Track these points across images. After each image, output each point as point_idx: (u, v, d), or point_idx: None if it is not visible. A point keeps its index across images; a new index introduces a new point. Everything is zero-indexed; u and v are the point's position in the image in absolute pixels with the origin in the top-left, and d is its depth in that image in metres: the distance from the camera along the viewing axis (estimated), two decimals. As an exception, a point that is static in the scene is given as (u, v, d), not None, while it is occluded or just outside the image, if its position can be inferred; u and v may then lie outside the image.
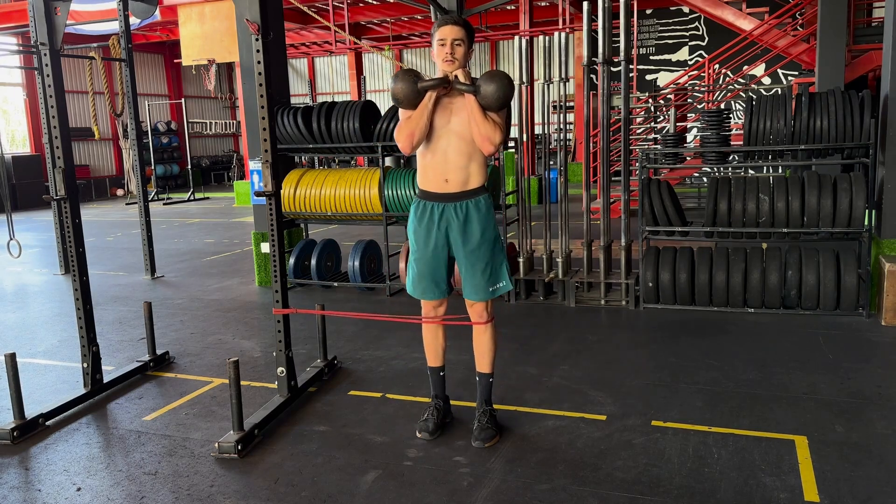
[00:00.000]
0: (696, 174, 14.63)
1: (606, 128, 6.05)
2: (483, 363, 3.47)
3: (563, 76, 6.12)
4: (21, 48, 12.73)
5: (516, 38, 6.22)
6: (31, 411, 3.76)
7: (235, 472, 3.20)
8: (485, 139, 3.20)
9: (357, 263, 6.62)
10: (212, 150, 25.48)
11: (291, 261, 6.84)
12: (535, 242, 6.84)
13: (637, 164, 6.09)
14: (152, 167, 19.64)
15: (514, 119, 9.22)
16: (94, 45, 8.97)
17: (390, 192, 6.34)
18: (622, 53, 5.65)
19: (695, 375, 4.20)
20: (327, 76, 24.40)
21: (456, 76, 3.22)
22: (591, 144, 7.99)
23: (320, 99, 22.27)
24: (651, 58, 16.69)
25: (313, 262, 6.79)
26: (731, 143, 6.29)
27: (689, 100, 13.72)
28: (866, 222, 5.27)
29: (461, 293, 3.45)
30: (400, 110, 3.34)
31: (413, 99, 3.23)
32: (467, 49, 3.26)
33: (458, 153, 3.28)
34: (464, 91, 3.21)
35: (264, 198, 3.81)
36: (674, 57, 16.54)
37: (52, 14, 3.87)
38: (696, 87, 13.74)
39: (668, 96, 13.24)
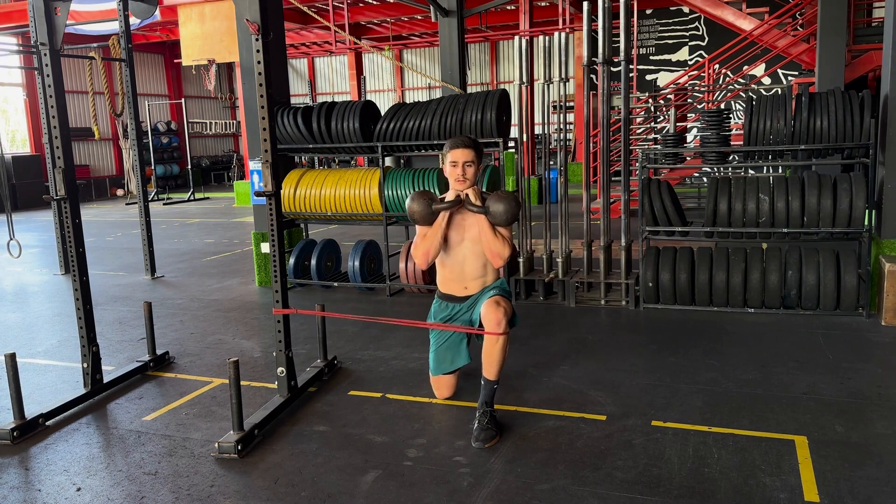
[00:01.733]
0: (696, 174, 14.64)
1: (606, 128, 6.05)
2: (491, 371, 3.49)
3: (563, 76, 6.12)
4: (21, 48, 12.74)
5: (516, 38, 6.22)
6: (31, 411, 3.76)
7: (235, 472, 3.20)
8: (495, 255, 3.63)
9: (357, 263, 6.62)
10: (212, 150, 25.50)
11: (291, 261, 6.84)
12: (535, 242, 6.84)
13: (637, 164, 6.09)
14: (152, 167, 19.65)
15: (515, 119, 9.23)
16: (94, 45, 8.96)
17: (390, 192, 6.34)
18: (622, 53, 5.65)
19: (695, 375, 4.20)
20: (327, 76, 24.41)
21: (467, 195, 3.61)
22: (591, 144, 7.99)
23: (320, 99, 22.29)
24: (651, 58, 16.70)
25: (313, 262, 6.79)
26: (731, 143, 6.30)
27: (689, 100, 13.73)
28: (866, 222, 5.27)
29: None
30: (417, 227, 3.75)
31: (428, 218, 3.65)
32: (477, 167, 3.64)
33: (474, 265, 3.71)
34: (475, 212, 3.61)
35: (264, 198, 3.81)
36: (674, 57, 16.54)
37: (52, 14, 3.87)
38: (696, 87, 13.74)
39: (668, 96, 13.25)
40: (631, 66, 6.75)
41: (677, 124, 10.02)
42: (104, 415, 3.97)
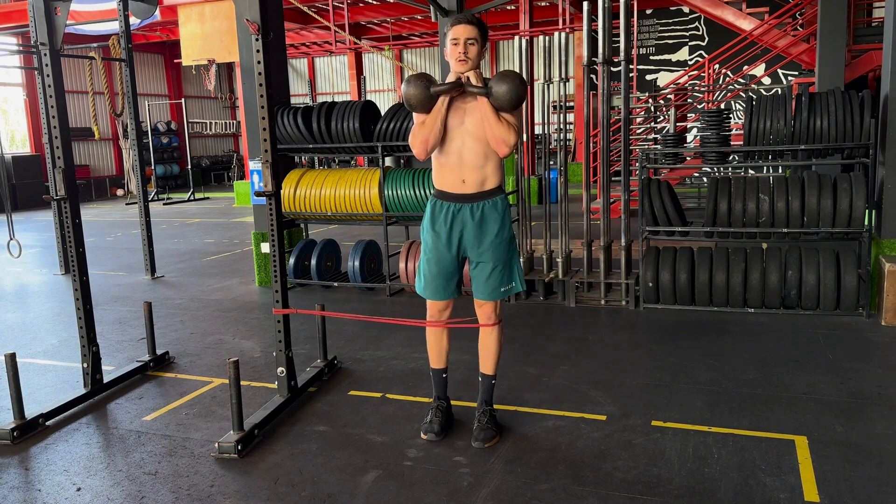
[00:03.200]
0: (696, 174, 14.63)
1: (606, 128, 6.05)
2: (487, 365, 3.47)
3: (563, 76, 6.12)
4: (21, 48, 12.74)
5: (516, 38, 6.22)
6: (31, 411, 3.76)
7: (235, 472, 3.20)
8: (499, 141, 3.20)
9: (357, 263, 6.62)
10: (212, 150, 25.48)
11: (291, 261, 6.84)
12: (535, 242, 6.83)
13: (637, 164, 6.09)
14: (152, 167, 19.64)
15: (514, 119, 9.19)
16: (94, 45, 8.97)
17: (390, 192, 6.34)
18: (622, 53, 5.65)
19: (695, 375, 4.20)
20: (327, 76, 24.41)
21: (468, 78, 3.22)
22: (591, 144, 7.99)
23: (320, 99, 22.28)
24: (651, 58, 16.69)
25: (313, 262, 6.79)
26: (731, 143, 6.29)
27: (689, 100, 13.72)
28: (866, 222, 5.27)
29: (470, 293, 3.45)
30: (414, 114, 3.33)
31: (426, 103, 3.24)
32: (480, 48, 3.24)
33: (474, 154, 3.27)
34: (476, 93, 3.21)
35: (264, 198, 3.81)
36: (674, 57, 16.54)
37: (52, 14, 3.87)
38: (696, 87, 13.74)
39: (668, 96, 13.25)
40: (631, 66, 6.75)
41: (677, 124, 10.02)
42: (104, 415, 3.97)
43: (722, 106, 13.89)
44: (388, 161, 7.01)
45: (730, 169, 8.86)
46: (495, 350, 3.44)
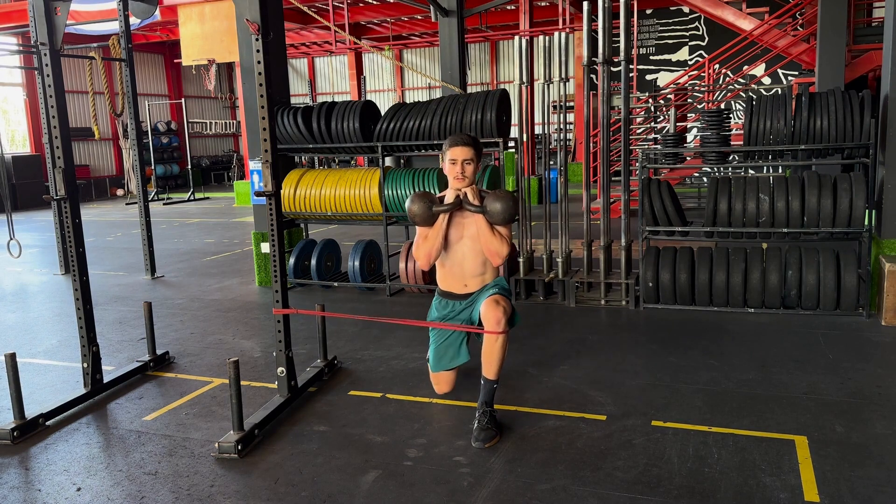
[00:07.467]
0: (696, 174, 14.64)
1: (606, 128, 6.05)
2: (490, 370, 3.49)
3: (563, 76, 6.12)
4: (21, 48, 12.74)
5: (516, 38, 6.22)
6: (31, 411, 3.76)
7: (235, 472, 3.20)
8: (494, 254, 3.65)
9: (357, 263, 6.62)
10: (212, 150, 25.50)
11: (291, 261, 6.84)
12: (535, 242, 6.83)
13: (637, 164, 6.09)
14: (152, 167, 19.65)
15: (515, 119, 9.20)
16: (94, 45, 8.96)
17: (390, 192, 6.34)
18: (622, 53, 5.65)
19: (695, 375, 4.20)
20: (327, 76, 24.41)
21: (466, 195, 3.62)
22: (591, 144, 7.99)
23: (320, 99, 22.28)
24: (651, 58, 16.69)
25: (313, 262, 6.79)
26: (731, 143, 6.29)
27: (689, 100, 13.73)
28: (866, 222, 5.27)
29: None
30: (417, 228, 3.76)
31: (428, 220, 3.67)
32: (476, 165, 3.65)
33: (474, 263, 3.73)
34: (473, 212, 3.62)
35: (264, 198, 3.81)
36: (674, 57, 16.54)
37: (52, 14, 3.87)
38: (696, 87, 13.75)
39: (668, 96, 13.25)
40: (631, 66, 6.75)
41: (677, 124, 10.02)
42: (104, 415, 3.97)
43: (722, 106, 13.89)
44: (388, 161, 7.01)
45: (730, 169, 8.86)
46: (499, 357, 3.48)
